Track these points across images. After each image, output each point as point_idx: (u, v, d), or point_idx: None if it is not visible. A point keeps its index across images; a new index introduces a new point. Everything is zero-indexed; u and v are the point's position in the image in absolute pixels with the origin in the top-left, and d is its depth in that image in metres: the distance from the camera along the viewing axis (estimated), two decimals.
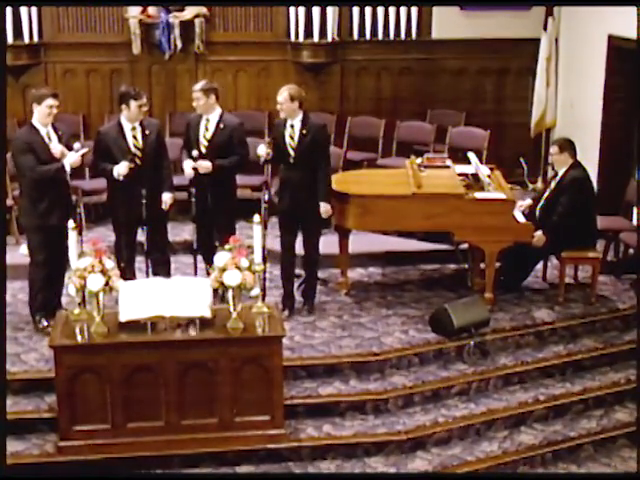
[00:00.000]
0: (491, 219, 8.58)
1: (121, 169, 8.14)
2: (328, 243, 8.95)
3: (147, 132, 8.32)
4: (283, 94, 8.33)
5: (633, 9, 9.14)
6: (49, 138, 8.01)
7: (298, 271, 8.89)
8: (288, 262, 8.66)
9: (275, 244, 8.81)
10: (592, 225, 8.97)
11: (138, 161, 8.24)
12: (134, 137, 8.28)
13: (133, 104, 8.19)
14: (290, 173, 8.47)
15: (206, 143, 8.51)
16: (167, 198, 8.39)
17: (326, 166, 8.48)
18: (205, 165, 8.40)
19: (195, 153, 8.40)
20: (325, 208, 8.44)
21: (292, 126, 8.40)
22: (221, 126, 8.52)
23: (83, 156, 8.10)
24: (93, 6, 11.49)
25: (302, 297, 8.81)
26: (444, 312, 8.32)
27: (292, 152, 8.40)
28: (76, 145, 8.06)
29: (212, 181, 8.42)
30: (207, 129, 8.53)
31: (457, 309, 8.32)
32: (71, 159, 7.96)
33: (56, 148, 7.97)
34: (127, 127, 8.28)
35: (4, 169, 7.71)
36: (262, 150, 8.38)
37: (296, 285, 8.84)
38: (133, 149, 8.25)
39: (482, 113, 12.10)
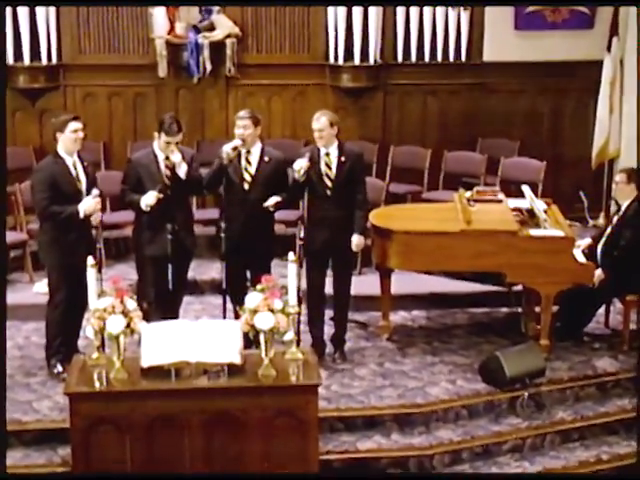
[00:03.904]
0: (548, 259, 8.55)
1: (149, 200, 8.16)
2: (368, 283, 8.97)
3: None
4: (321, 120, 8.30)
5: None
6: (75, 168, 8.09)
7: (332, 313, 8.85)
8: (317, 304, 8.58)
9: None
10: None
11: (169, 191, 8.26)
12: (167, 167, 8.29)
13: (162, 137, 8.19)
14: (326, 207, 8.39)
15: (250, 179, 8.36)
16: None
17: (364, 197, 8.47)
18: (275, 201, 8.29)
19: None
20: (359, 241, 8.40)
21: (328, 154, 8.38)
22: (265, 159, 8.38)
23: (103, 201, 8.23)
24: (115, 5, 11.54)
25: (331, 342, 8.74)
26: (495, 360, 8.29)
27: (329, 183, 8.36)
28: (94, 191, 8.08)
29: (248, 216, 8.31)
30: (250, 163, 8.37)
31: (510, 357, 8.28)
32: (85, 204, 8.00)
33: (90, 206, 8.03)
34: (160, 156, 8.30)
35: (4, 171, 7.80)
36: (301, 163, 8.23)
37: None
38: (166, 180, 8.28)
39: (538, 142, 12.11)
